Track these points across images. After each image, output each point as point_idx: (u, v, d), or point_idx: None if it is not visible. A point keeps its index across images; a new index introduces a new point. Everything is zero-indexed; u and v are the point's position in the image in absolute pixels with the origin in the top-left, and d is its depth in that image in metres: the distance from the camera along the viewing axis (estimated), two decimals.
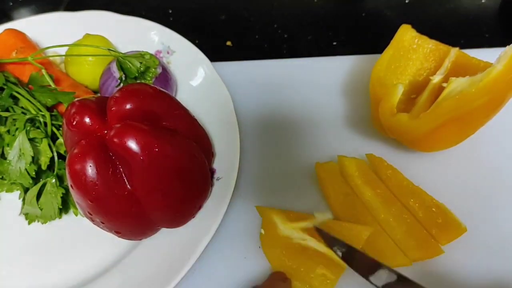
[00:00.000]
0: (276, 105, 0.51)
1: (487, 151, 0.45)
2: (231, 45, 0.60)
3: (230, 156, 0.44)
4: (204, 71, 0.51)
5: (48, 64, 0.50)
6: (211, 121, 0.47)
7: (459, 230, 0.39)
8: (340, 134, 0.48)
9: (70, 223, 0.45)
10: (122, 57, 0.46)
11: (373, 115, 0.45)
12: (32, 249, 0.44)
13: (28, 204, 0.43)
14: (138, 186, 0.36)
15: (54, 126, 0.45)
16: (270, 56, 0.56)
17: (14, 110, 0.45)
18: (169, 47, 0.53)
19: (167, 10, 0.64)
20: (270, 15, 0.62)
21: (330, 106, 0.50)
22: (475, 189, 0.43)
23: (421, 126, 0.39)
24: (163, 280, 0.38)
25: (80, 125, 0.36)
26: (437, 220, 0.40)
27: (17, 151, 0.42)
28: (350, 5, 0.62)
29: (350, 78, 0.52)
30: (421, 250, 0.39)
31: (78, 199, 0.37)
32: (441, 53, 0.44)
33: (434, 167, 0.45)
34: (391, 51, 0.44)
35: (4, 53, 0.50)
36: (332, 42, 0.59)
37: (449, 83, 0.39)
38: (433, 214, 0.40)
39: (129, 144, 0.34)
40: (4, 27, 0.53)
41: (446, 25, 0.59)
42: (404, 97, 0.44)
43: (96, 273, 0.42)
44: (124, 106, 0.36)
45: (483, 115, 0.39)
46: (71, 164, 0.35)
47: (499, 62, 0.36)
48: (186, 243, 0.40)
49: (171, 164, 0.36)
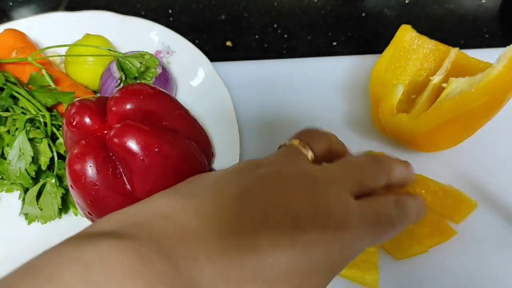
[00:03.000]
0: (276, 105, 0.51)
1: (487, 151, 0.45)
2: (231, 45, 0.60)
3: (230, 156, 0.44)
4: (204, 71, 0.51)
5: (48, 64, 0.50)
6: (211, 121, 0.47)
7: (470, 206, 0.41)
8: (340, 134, 0.47)
9: (70, 223, 0.45)
10: (122, 57, 0.46)
11: (373, 115, 0.45)
12: (32, 249, 0.44)
13: (28, 204, 0.43)
14: (138, 186, 0.36)
15: (54, 126, 0.45)
16: (270, 56, 0.56)
17: (14, 110, 0.45)
18: (169, 47, 0.53)
19: (167, 10, 0.64)
20: (270, 15, 0.62)
21: (330, 106, 0.50)
22: (475, 189, 0.43)
23: (421, 126, 0.39)
24: None
25: (80, 125, 0.36)
26: (446, 201, 0.41)
27: (17, 151, 0.42)
28: (350, 5, 0.62)
29: (350, 78, 0.52)
30: (435, 236, 0.39)
31: (78, 199, 0.37)
32: (441, 53, 0.44)
33: (434, 167, 0.45)
34: (391, 51, 0.44)
35: (4, 53, 0.49)
36: (332, 42, 0.59)
37: (449, 83, 0.39)
38: (441, 197, 0.41)
39: (129, 144, 0.34)
40: (4, 27, 0.53)
41: (446, 25, 0.59)
42: (404, 97, 0.44)
43: None
44: (124, 106, 0.36)
45: (483, 115, 0.39)
46: (71, 164, 0.35)
47: (499, 63, 0.36)
48: None
49: (171, 164, 0.36)
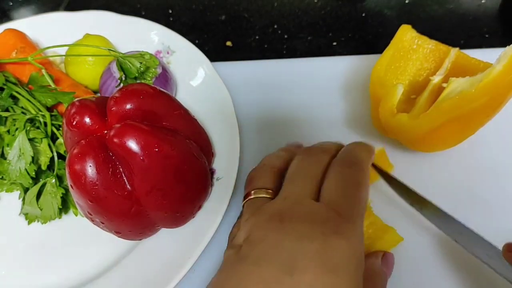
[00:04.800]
0: (276, 105, 0.51)
1: (487, 151, 0.45)
2: (231, 45, 0.60)
3: (230, 156, 0.44)
4: (204, 71, 0.51)
5: (48, 64, 0.50)
6: (211, 121, 0.47)
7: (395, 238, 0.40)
8: (340, 134, 0.48)
9: (70, 223, 0.45)
10: (122, 57, 0.46)
11: (373, 115, 0.45)
12: (32, 249, 0.44)
13: (28, 204, 0.43)
14: (138, 186, 0.36)
15: (54, 126, 0.45)
16: (270, 56, 0.56)
17: (14, 110, 0.45)
18: (169, 47, 0.53)
19: (167, 10, 0.64)
20: (270, 15, 0.62)
21: (330, 106, 0.50)
22: (475, 189, 0.43)
23: (421, 126, 0.39)
24: (163, 280, 0.38)
25: (80, 125, 0.36)
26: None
27: (17, 151, 0.42)
28: (350, 5, 0.62)
29: (350, 78, 0.52)
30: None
31: (78, 199, 0.37)
32: (441, 53, 0.44)
33: (434, 167, 0.45)
34: (391, 51, 0.44)
35: (4, 53, 0.50)
36: (332, 42, 0.59)
37: (449, 84, 0.39)
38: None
39: (129, 144, 0.34)
40: (4, 27, 0.53)
41: (446, 25, 0.59)
42: (404, 97, 0.44)
43: (96, 273, 0.42)
44: (124, 106, 0.36)
45: (483, 115, 0.39)
46: (71, 164, 0.35)
47: (499, 63, 0.36)
48: (186, 243, 0.40)
49: (171, 164, 0.36)
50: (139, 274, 0.40)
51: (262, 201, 0.32)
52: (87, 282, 0.41)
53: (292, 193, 0.31)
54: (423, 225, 0.41)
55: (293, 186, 0.31)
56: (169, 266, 0.39)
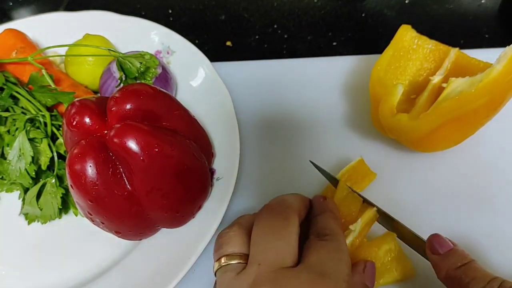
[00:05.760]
0: (276, 105, 0.51)
1: (487, 151, 0.45)
2: (231, 45, 0.60)
3: (230, 156, 0.44)
4: (204, 71, 0.51)
5: (48, 64, 0.50)
6: (211, 121, 0.47)
7: None
8: (340, 134, 0.48)
9: (70, 223, 0.45)
10: (122, 57, 0.46)
11: (373, 115, 0.45)
12: (32, 249, 0.44)
13: (28, 204, 0.43)
14: (138, 186, 0.36)
15: (54, 126, 0.45)
16: (270, 56, 0.56)
17: (14, 110, 0.45)
18: (169, 47, 0.53)
19: (167, 10, 0.64)
20: (270, 15, 0.62)
21: (330, 106, 0.50)
22: (475, 189, 0.43)
23: (421, 127, 0.39)
24: (163, 280, 0.38)
25: (80, 125, 0.36)
26: None
27: (17, 151, 0.42)
28: (350, 5, 0.62)
29: (350, 78, 0.52)
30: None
31: (78, 199, 0.37)
32: (441, 53, 0.44)
33: (434, 167, 0.45)
34: (391, 51, 0.44)
35: (4, 53, 0.50)
36: (332, 42, 0.59)
37: (449, 84, 0.39)
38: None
39: (129, 144, 0.34)
40: (4, 27, 0.53)
41: (446, 25, 0.59)
42: (404, 97, 0.44)
43: (96, 273, 0.42)
44: (124, 106, 0.36)
45: (483, 115, 0.39)
46: (71, 164, 0.35)
47: (499, 63, 0.36)
48: (186, 243, 0.40)
49: (171, 164, 0.36)
50: (139, 274, 0.40)
51: (235, 269, 0.31)
52: (87, 282, 0.41)
53: (265, 259, 0.30)
54: None
55: (263, 250, 0.31)
56: (169, 266, 0.39)
